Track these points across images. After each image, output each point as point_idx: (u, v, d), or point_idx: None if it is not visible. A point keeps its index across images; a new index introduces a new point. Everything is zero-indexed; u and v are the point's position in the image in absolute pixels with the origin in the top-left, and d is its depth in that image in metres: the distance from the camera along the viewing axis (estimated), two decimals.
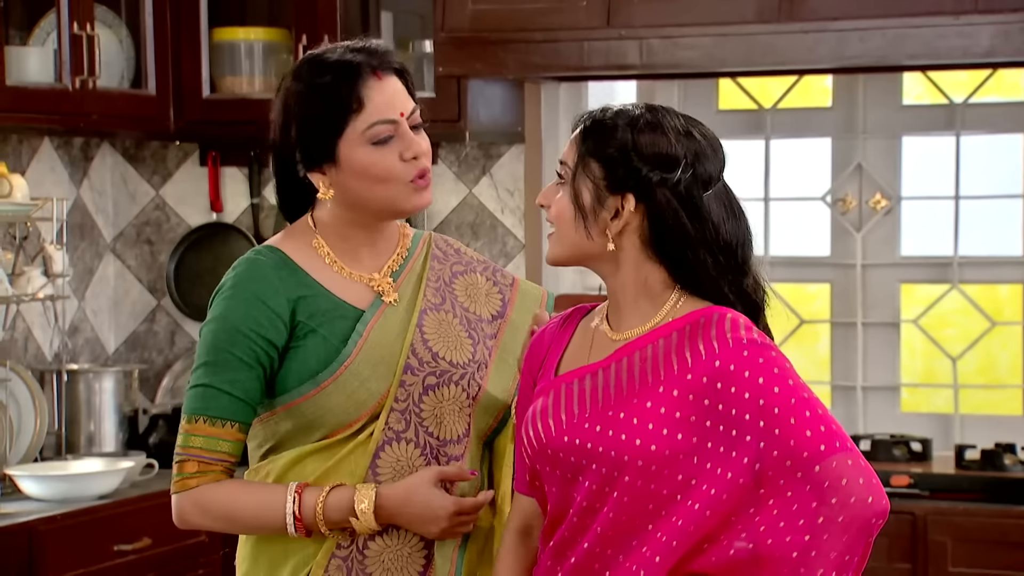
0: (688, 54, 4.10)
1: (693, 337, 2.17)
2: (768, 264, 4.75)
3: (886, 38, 3.95)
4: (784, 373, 2.13)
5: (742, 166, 4.82)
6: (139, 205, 5.02)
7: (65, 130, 4.56)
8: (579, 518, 2.20)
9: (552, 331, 2.34)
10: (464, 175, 4.77)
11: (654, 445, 2.13)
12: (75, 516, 3.91)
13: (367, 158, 2.43)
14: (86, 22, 4.26)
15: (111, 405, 4.59)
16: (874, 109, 4.66)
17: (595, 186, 2.19)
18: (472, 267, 2.62)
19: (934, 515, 4.05)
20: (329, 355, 2.44)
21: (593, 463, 2.17)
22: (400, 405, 2.47)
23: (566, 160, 2.23)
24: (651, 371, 2.17)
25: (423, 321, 2.51)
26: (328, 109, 2.42)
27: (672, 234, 2.18)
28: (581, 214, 2.20)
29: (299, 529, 2.41)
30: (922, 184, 4.68)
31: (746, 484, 2.11)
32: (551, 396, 2.24)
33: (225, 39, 4.66)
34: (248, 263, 2.47)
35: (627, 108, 2.23)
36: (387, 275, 2.52)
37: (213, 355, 2.42)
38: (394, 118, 2.44)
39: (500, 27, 4.24)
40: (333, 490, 2.41)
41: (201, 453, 2.41)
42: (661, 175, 2.17)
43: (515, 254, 4.74)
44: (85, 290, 4.88)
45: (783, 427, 2.11)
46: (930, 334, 4.66)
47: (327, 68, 2.44)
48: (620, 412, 2.17)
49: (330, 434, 2.46)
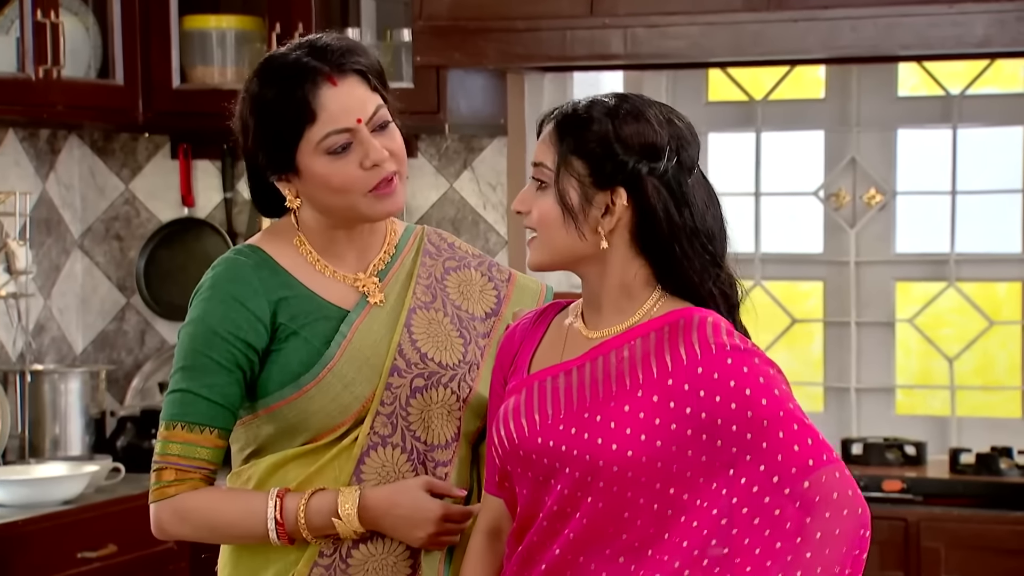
0: (674, 44, 4.09)
1: (673, 339, 2.16)
2: (759, 261, 4.75)
3: (878, 27, 3.94)
4: (769, 382, 2.13)
5: (732, 159, 4.82)
6: (108, 199, 5.01)
7: (28, 122, 4.55)
8: (549, 522, 2.19)
9: (524, 327, 2.33)
10: (444, 169, 4.76)
11: (630, 451, 2.12)
12: (38, 522, 3.90)
13: (324, 169, 2.40)
14: (50, 9, 4.24)
15: (77, 407, 4.58)
16: (868, 101, 4.65)
17: (580, 184, 2.18)
18: (466, 262, 2.60)
19: (927, 521, 4.04)
20: (311, 357, 2.43)
21: (566, 466, 2.16)
22: (386, 408, 2.46)
23: (542, 161, 2.21)
24: (628, 373, 2.17)
25: (411, 320, 2.49)
26: (282, 120, 2.39)
27: (662, 225, 2.18)
28: (571, 215, 2.18)
29: (281, 536, 2.40)
30: (918, 178, 4.67)
31: (739, 504, 2.10)
32: (523, 395, 2.23)
33: (196, 27, 4.64)
34: (227, 263, 2.46)
35: (600, 99, 2.22)
36: (373, 274, 2.51)
37: (191, 359, 2.41)
38: (349, 126, 2.40)
39: (480, 15, 4.23)
40: (315, 494, 2.41)
41: (179, 461, 2.40)
42: (649, 165, 2.17)
43: (498, 250, 4.73)
44: (51, 287, 4.87)
45: (771, 441, 2.11)
46: (926, 334, 4.66)
47: (280, 74, 2.40)
48: (596, 415, 2.16)
49: (313, 438, 2.45)
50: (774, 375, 2.15)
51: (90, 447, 4.60)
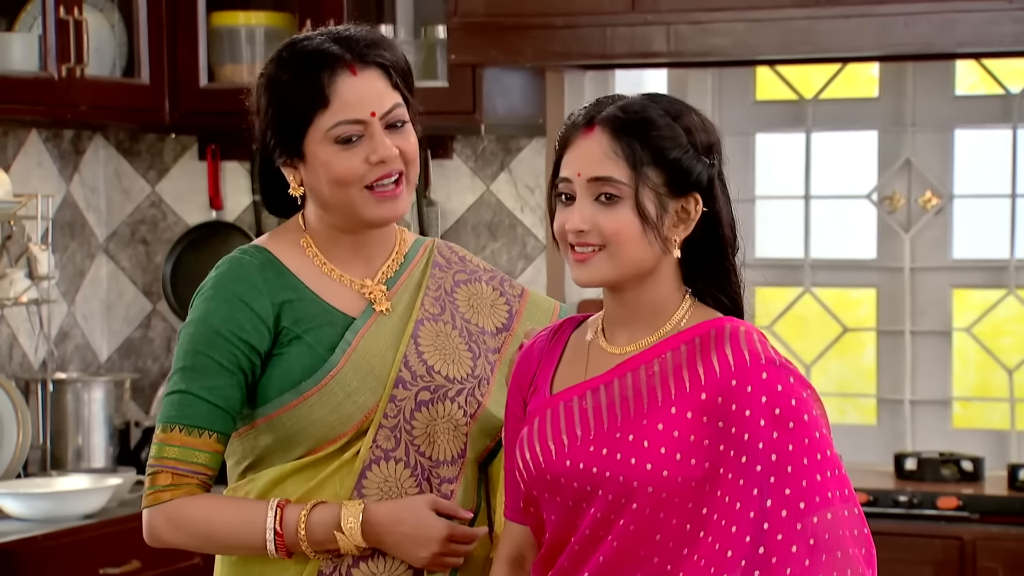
0: (719, 41, 4.08)
1: (705, 350, 2.16)
2: (809, 267, 4.72)
3: (932, 23, 3.91)
4: (801, 405, 2.12)
5: (781, 161, 4.80)
6: (134, 202, 5.03)
7: (51, 122, 4.57)
8: (581, 547, 2.18)
9: (541, 345, 2.31)
10: (481, 171, 4.75)
11: (666, 471, 2.12)
12: (58, 537, 3.91)
13: (329, 157, 2.42)
14: (74, 6, 4.26)
15: (101, 417, 4.60)
16: (924, 100, 4.62)
17: (656, 194, 2.16)
18: (477, 276, 2.60)
19: (984, 540, 4.02)
20: (314, 363, 2.43)
21: (600, 489, 2.15)
22: (390, 421, 2.45)
23: (610, 176, 2.16)
24: (660, 388, 2.16)
25: (419, 332, 2.49)
26: (295, 103, 2.41)
27: (725, 230, 2.19)
28: (652, 228, 2.16)
29: (280, 548, 2.39)
30: (976, 181, 4.64)
31: (755, 523, 2.09)
32: (548, 416, 2.22)
33: (224, 24, 4.65)
34: (231, 262, 2.46)
35: (643, 101, 2.19)
36: (380, 282, 2.51)
37: (191, 359, 2.41)
38: (361, 118, 2.41)
39: (517, 11, 4.23)
40: (317, 506, 2.40)
41: (176, 465, 2.40)
42: (714, 168, 2.19)
43: (536, 256, 4.72)
44: (75, 293, 4.89)
45: (795, 466, 2.10)
46: (984, 343, 4.62)
47: (300, 57, 2.43)
48: (629, 434, 2.15)
49: (312, 450, 2.45)
50: (807, 398, 2.14)
51: (114, 459, 4.62)
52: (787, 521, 2.08)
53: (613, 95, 2.23)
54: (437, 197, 4.75)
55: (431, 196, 4.73)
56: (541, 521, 2.25)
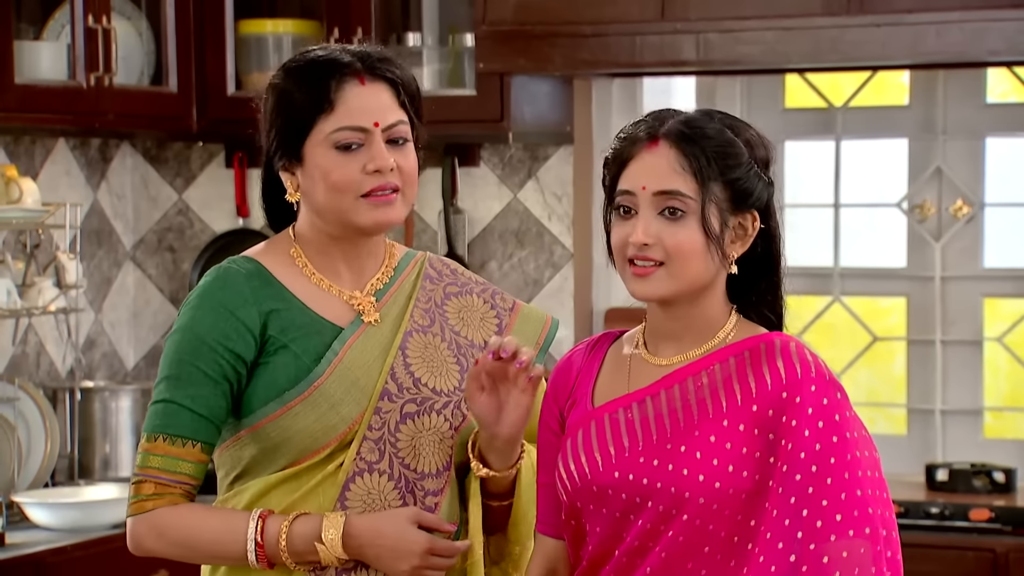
0: (748, 49, 4.08)
1: (756, 363, 2.18)
2: (838, 276, 4.72)
3: (964, 32, 3.91)
4: (845, 423, 2.15)
5: (811, 169, 4.79)
6: (161, 210, 5.05)
7: (79, 131, 4.59)
8: (628, 558, 2.19)
9: (580, 358, 2.33)
10: (508, 179, 4.76)
11: (718, 482, 2.14)
12: (87, 547, 3.93)
13: (327, 162, 2.44)
14: (102, 14, 4.28)
15: (128, 426, 4.62)
16: (955, 107, 4.62)
17: (719, 209, 2.19)
18: (468, 288, 2.62)
19: (1017, 552, 4.01)
20: (299, 373, 2.45)
21: (649, 500, 2.17)
22: (374, 433, 2.47)
23: (677, 190, 2.17)
24: (711, 400, 2.18)
25: (407, 343, 2.51)
26: (300, 105, 2.45)
27: (778, 245, 2.23)
28: (715, 243, 2.18)
29: (260, 559, 2.41)
30: (1008, 189, 4.63)
31: (790, 532, 2.10)
32: (592, 428, 2.23)
33: (252, 32, 4.67)
34: (219, 271, 2.49)
35: (704, 118, 2.21)
36: (370, 293, 2.53)
37: (176, 368, 2.44)
38: (364, 126, 2.44)
39: (545, 20, 4.23)
40: (299, 517, 2.42)
41: (158, 474, 2.42)
42: (772, 184, 2.22)
43: (563, 264, 4.72)
44: (102, 301, 4.91)
45: (836, 478, 2.12)
46: (1016, 353, 4.61)
47: (310, 63, 2.47)
48: (680, 445, 2.17)
49: (296, 461, 2.46)
50: (851, 417, 2.16)
51: None
52: (822, 532, 2.09)
53: (668, 109, 2.25)
54: (464, 205, 4.76)
55: (458, 204, 4.74)
56: (582, 534, 2.26)
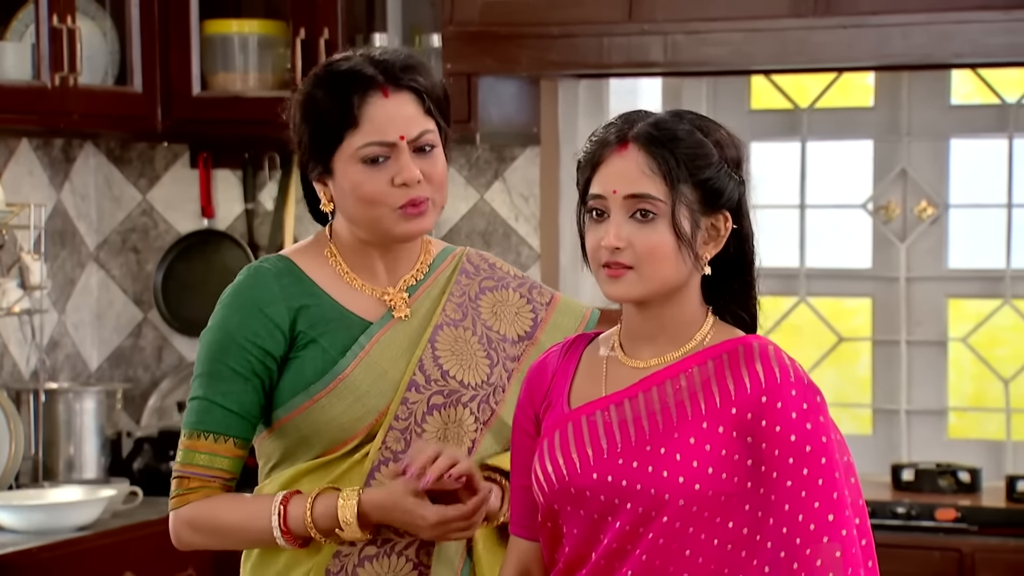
0: (716, 51, 4.10)
1: (735, 366, 2.19)
2: (804, 276, 4.74)
3: (930, 34, 3.94)
4: (821, 428, 2.16)
5: (776, 170, 4.81)
6: (124, 210, 5.03)
7: (44, 131, 4.57)
8: (606, 560, 2.20)
9: (555, 360, 2.33)
10: (475, 180, 4.77)
11: (699, 484, 2.15)
12: (53, 549, 3.91)
13: (356, 177, 2.49)
14: (67, 14, 4.26)
15: (93, 427, 4.60)
16: (920, 109, 4.65)
17: (691, 211, 2.19)
18: (505, 283, 2.64)
19: (983, 552, 4.03)
20: (325, 366, 2.50)
21: (628, 501, 2.18)
22: (400, 424, 2.51)
23: (647, 192, 2.18)
24: (690, 402, 2.19)
25: (436, 336, 2.55)
26: (327, 121, 2.49)
27: (751, 245, 2.23)
28: (687, 245, 2.19)
29: (288, 540, 2.47)
30: (972, 191, 4.66)
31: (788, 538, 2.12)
32: (570, 429, 2.24)
33: (217, 32, 4.66)
34: (250, 271, 2.55)
35: (676, 118, 2.22)
36: (402, 289, 2.57)
37: (208, 366, 2.51)
38: (390, 140, 2.47)
39: (513, 21, 4.24)
40: (319, 497, 2.46)
41: (196, 470, 2.50)
42: (744, 184, 2.22)
43: (530, 264, 4.73)
44: (66, 302, 4.89)
45: (827, 480, 2.13)
46: (980, 353, 4.64)
47: (334, 77, 2.50)
48: (660, 447, 2.18)
49: (326, 451, 2.52)
50: (826, 421, 2.17)
51: (106, 469, 4.62)
52: (815, 534, 2.11)
53: (638, 111, 2.25)
54: None
55: None
56: (558, 535, 2.27)
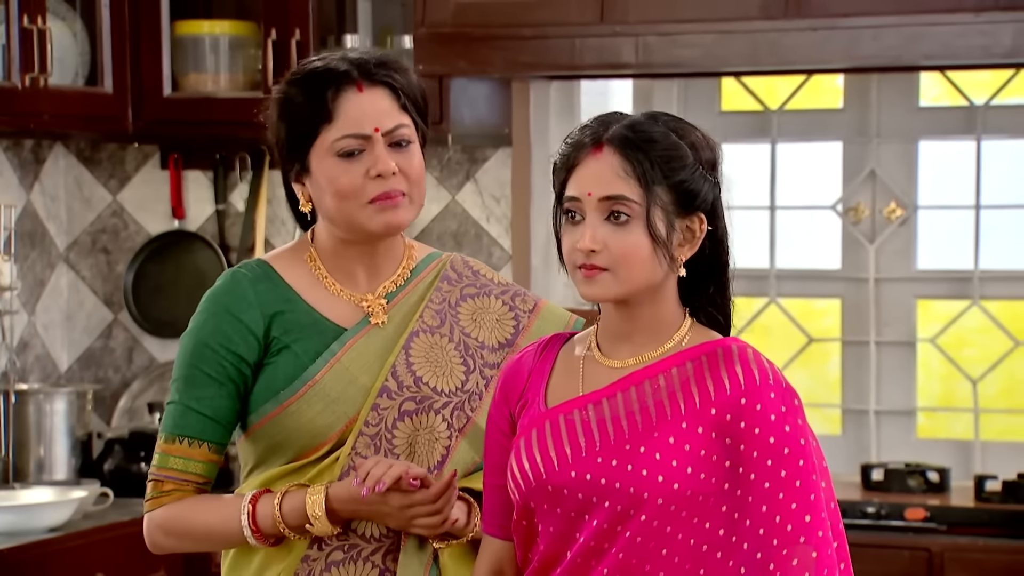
0: (687, 52, 4.11)
1: (714, 368, 2.20)
2: (774, 277, 4.76)
3: (901, 36, 3.96)
4: (799, 430, 2.18)
5: (747, 172, 4.82)
6: (95, 211, 5.02)
7: (14, 131, 4.56)
8: (582, 559, 2.21)
9: (530, 359, 2.34)
10: (446, 180, 4.77)
11: (677, 483, 2.16)
12: (24, 551, 3.90)
13: (331, 171, 2.49)
14: (37, 15, 4.25)
15: (63, 428, 4.59)
16: (889, 111, 4.67)
17: (665, 212, 2.20)
18: (487, 290, 2.64)
19: (952, 551, 4.05)
20: (297, 372, 2.51)
21: (605, 500, 2.19)
22: (370, 429, 2.51)
23: (622, 195, 2.18)
24: (669, 403, 2.20)
25: (411, 343, 2.55)
26: (302, 117, 2.50)
27: (726, 246, 2.24)
28: (662, 247, 2.20)
29: (259, 539, 2.48)
30: (940, 192, 4.68)
31: (765, 539, 2.14)
32: (547, 428, 2.25)
33: (188, 33, 4.65)
34: (227, 276, 2.56)
35: (651, 120, 2.23)
36: (381, 296, 2.57)
37: (185, 371, 2.53)
38: (365, 133, 2.48)
39: (485, 22, 4.25)
40: (287, 494, 2.48)
41: (171, 473, 2.51)
42: (718, 185, 2.22)
43: (501, 266, 4.74)
44: (36, 303, 4.88)
45: (804, 481, 2.15)
46: (948, 354, 4.67)
47: (309, 75, 2.52)
48: (639, 446, 2.18)
49: (297, 456, 2.53)
50: (803, 424, 2.19)
51: (76, 471, 4.61)
52: (792, 535, 2.13)
53: (614, 113, 2.26)
54: None
55: None
56: (533, 534, 2.27)
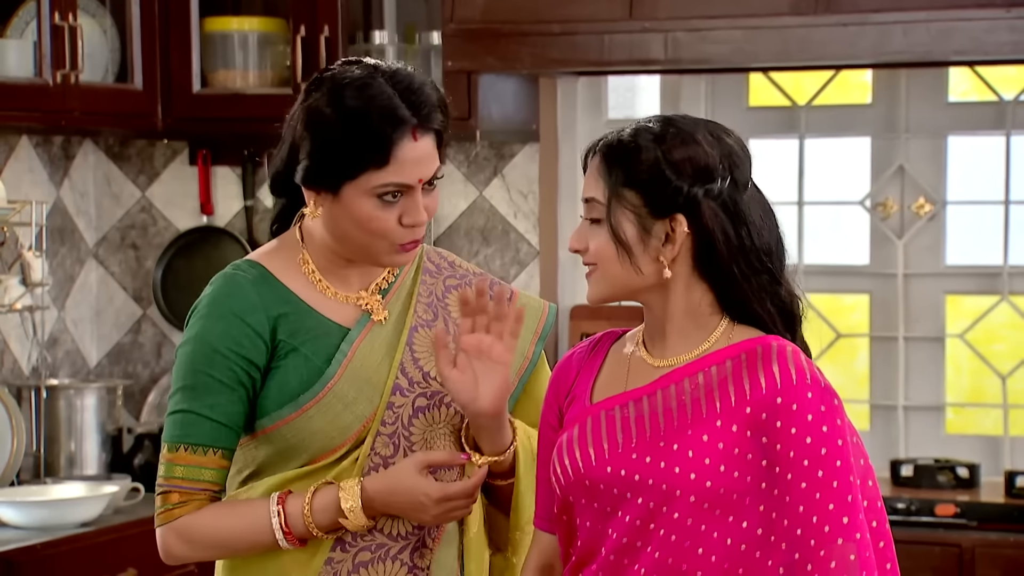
0: (716, 48, 4.11)
1: (752, 367, 2.20)
2: (803, 273, 4.75)
3: (931, 32, 3.95)
4: (837, 431, 2.17)
5: (774, 167, 4.82)
6: (124, 207, 5.03)
7: (45, 128, 4.57)
8: (616, 556, 2.22)
9: (580, 357, 2.37)
10: (474, 176, 4.77)
11: (709, 481, 2.17)
12: (56, 545, 3.92)
13: (367, 211, 2.44)
14: (68, 12, 4.26)
15: (93, 423, 4.60)
16: (917, 106, 4.66)
17: (637, 215, 2.22)
18: (467, 280, 2.65)
19: (983, 547, 4.05)
20: (311, 375, 2.48)
21: (638, 496, 2.20)
22: (387, 428, 2.51)
23: (593, 197, 2.24)
24: (705, 401, 2.20)
25: (413, 339, 2.55)
26: (351, 152, 2.42)
27: (721, 248, 2.22)
28: (625, 250, 2.22)
29: (291, 541, 2.47)
30: (969, 187, 4.67)
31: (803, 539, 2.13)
32: (588, 423, 2.27)
33: (217, 30, 4.66)
34: (225, 278, 2.51)
35: (645, 125, 2.25)
36: (375, 292, 2.56)
37: (191, 378, 2.47)
38: (410, 183, 2.43)
39: (514, 18, 4.25)
40: (317, 492, 2.46)
41: (183, 483, 2.47)
42: (704, 188, 2.21)
43: (528, 261, 4.74)
44: (65, 299, 4.89)
45: (841, 482, 2.15)
46: (977, 349, 4.66)
47: (369, 109, 2.42)
48: (673, 443, 2.19)
49: (313, 459, 2.51)
50: (843, 424, 2.19)
51: (106, 465, 4.63)
52: (830, 536, 2.12)
53: (638, 120, 2.29)
54: None
55: None
56: (573, 529, 2.29)
